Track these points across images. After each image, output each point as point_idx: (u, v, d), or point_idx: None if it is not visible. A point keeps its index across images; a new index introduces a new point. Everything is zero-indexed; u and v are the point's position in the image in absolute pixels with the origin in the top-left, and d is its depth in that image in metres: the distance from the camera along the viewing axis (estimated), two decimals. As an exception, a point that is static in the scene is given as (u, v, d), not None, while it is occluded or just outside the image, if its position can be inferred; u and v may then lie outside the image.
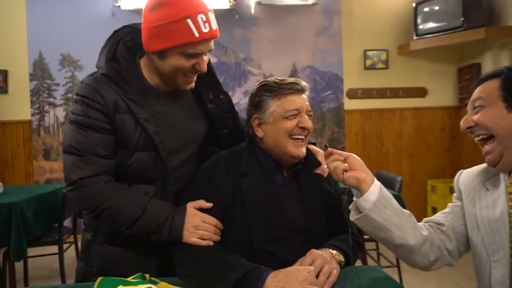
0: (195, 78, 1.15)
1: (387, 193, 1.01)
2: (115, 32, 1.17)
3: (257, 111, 1.15)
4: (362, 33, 4.30)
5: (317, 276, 0.96)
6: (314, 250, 1.02)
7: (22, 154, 3.99)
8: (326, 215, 1.15)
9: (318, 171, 1.18)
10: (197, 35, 1.03)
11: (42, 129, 3.99)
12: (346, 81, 4.29)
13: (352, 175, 0.98)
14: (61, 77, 3.99)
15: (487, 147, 0.95)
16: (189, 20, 1.02)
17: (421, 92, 4.36)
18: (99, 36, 1.37)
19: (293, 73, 4.21)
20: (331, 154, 1.02)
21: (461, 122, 0.99)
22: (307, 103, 1.14)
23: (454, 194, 1.10)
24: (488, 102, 0.94)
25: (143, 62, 1.16)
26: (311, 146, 1.25)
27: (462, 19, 3.75)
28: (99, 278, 0.93)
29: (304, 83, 1.15)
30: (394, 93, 4.35)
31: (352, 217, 1.01)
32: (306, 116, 1.12)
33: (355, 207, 1.02)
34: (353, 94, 4.32)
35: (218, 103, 1.24)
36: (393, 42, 4.33)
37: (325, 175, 1.19)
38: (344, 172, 0.99)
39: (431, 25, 4.01)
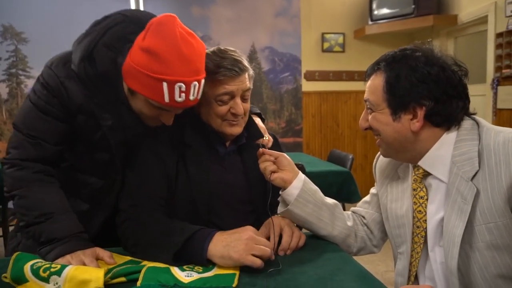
0: (161, 123, 1.07)
1: (311, 186, 1.06)
2: (105, 18, 1.03)
3: None
4: (320, 15, 4.37)
5: (280, 241, 1.01)
6: (275, 217, 1.06)
7: (-37, 133, 3.72)
8: (268, 187, 1.17)
9: (260, 141, 1.19)
10: (167, 100, 0.95)
11: (-14, 106, 3.73)
12: (304, 63, 4.36)
13: (279, 176, 1.04)
14: (3, 50, 3.72)
15: (377, 141, 1.00)
16: (164, 84, 0.93)
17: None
18: (48, 6, 1.25)
19: (252, 53, 4.21)
20: (263, 154, 1.07)
21: (360, 122, 1.00)
22: (246, 82, 1.08)
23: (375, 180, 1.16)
24: (375, 106, 0.94)
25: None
26: (254, 117, 1.26)
27: (413, 6, 3.93)
28: (16, 253, 0.92)
29: (245, 64, 1.08)
30: (350, 76, 4.49)
31: (279, 210, 1.07)
32: (239, 101, 1.07)
33: (282, 200, 1.07)
34: (311, 76, 4.41)
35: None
36: (350, 26, 4.45)
37: (268, 145, 1.22)
38: (272, 173, 1.04)
39: (385, 11, 4.16)
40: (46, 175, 1.06)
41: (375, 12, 4.21)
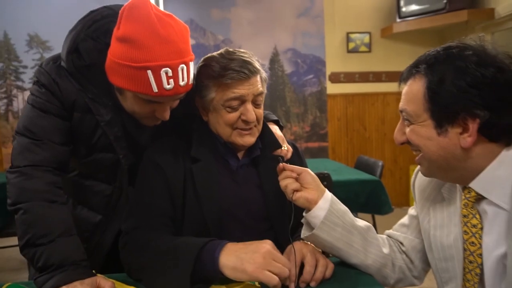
0: (160, 120, 1.01)
1: (340, 207, 0.93)
2: (91, 13, 1.00)
3: (199, 95, 1.01)
4: (345, 14, 4.19)
5: (301, 271, 0.88)
6: (297, 243, 0.93)
7: (-10, 141, 3.79)
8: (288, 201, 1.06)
9: (278, 153, 1.07)
10: (155, 90, 0.88)
11: (10, 114, 3.78)
12: (329, 65, 4.19)
13: (303, 195, 0.91)
14: (29, 59, 3.77)
15: (417, 158, 0.84)
16: (149, 72, 0.87)
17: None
18: (70, 15, 1.22)
19: (274, 56, 4.08)
20: (283, 169, 0.94)
21: (395, 135, 0.86)
22: (258, 86, 0.97)
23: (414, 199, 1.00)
24: (414, 117, 0.79)
25: None
26: (271, 125, 1.13)
27: (444, 1, 3.69)
28: (6, 284, 0.84)
29: (256, 66, 0.97)
30: (377, 77, 4.28)
31: (303, 235, 0.93)
32: (251, 107, 0.97)
33: (306, 222, 0.94)
34: (336, 78, 4.23)
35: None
36: (376, 25, 4.24)
37: (287, 156, 1.09)
38: (295, 192, 0.91)
39: (414, 7, 3.94)
40: (56, 188, 0.98)
41: (403, 9, 3.99)
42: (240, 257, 0.81)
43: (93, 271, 0.92)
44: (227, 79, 0.95)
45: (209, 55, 1.03)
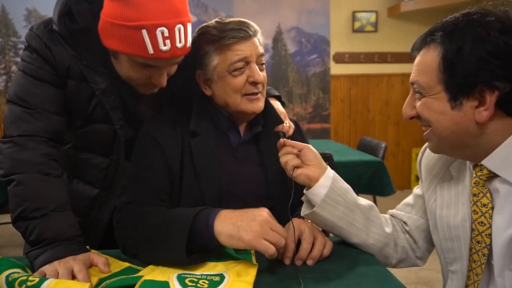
0: (157, 88, 0.97)
1: (342, 185, 0.89)
2: None
3: (200, 67, 0.97)
4: (351, -8, 4.08)
5: (298, 248, 0.85)
6: (296, 219, 0.90)
7: (-10, 118, 3.77)
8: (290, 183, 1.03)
9: (279, 129, 1.03)
10: (151, 51, 0.84)
11: (9, 91, 3.75)
12: (333, 44, 4.10)
13: (303, 172, 0.88)
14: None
15: (425, 133, 0.80)
16: (144, 32, 0.82)
17: (410, 58, 4.20)
18: None
19: (278, 35, 3.99)
20: (284, 145, 0.91)
21: (404, 109, 0.81)
22: (258, 47, 0.95)
23: (420, 179, 0.95)
24: (427, 90, 0.74)
25: None
26: (273, 101, 1.09)
27: (455, -22, 3.58)
28: None
29: (254, 27, 0.95)
30: (382, 58, 4.18)
31: (303, 212, 0.90)
32: (256, 67, 0.94)
33: (306, 200, 0.90)
34: (340, 58, 4.14)
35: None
36: (383, 3, 4.12)
37: (289, 133, 1.05)
38: (295, 169, 0.88)
39: (423, -15, 3.82)
40: (51, 160, 0.94)
41: (412, -13, 3.87)
42: (237, 224, 0.79)
43: (87, 247, 0.90)
44: (229, 39, 0.91)
45: (202, 25, 1.00)
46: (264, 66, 0.98)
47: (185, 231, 0.79)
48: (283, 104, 1.16)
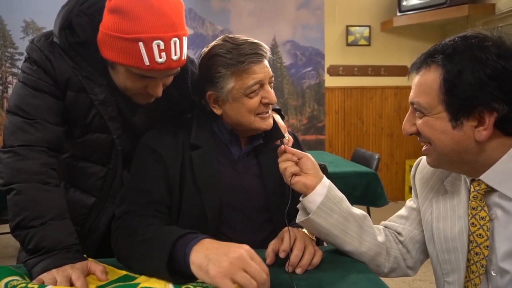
0: (153, 98, 0.99)
1: (337, 194, 0.91)
2: None
3: (212, 88, 0.98)
4: (345, 7, 4.16)
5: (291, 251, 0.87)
6: (290, 228, 0.92)
7: (-15, 128, 3.76)
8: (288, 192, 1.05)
9: (279, 143, 1.05)
10: (147, 63, 0.87)
11: (6, 101, 3.75)
12: (328, 58, 4.17)
13: (301, 180, 0.89)
14: (25, 45, 3.62)
15: (424, 148, 0.83)
16: (141, 44, 0.85)
17: (403, 71, 4.28)
18: None
19: (273, 47, 4.06)
20: (284, 152, 0.93)
21: (404, 125, 0.83)
22: (269, 69, 0.99)
23: (412, 192, 0.98)
24: (428, 109, 0.76)
25: None
26: (273, 114, 1.12)
27: (446, -5, 3.68)
28: None
29: (266, 48, 0.98)
30: (376, 71, 4.26)
31: (298, 219, 0.92)
32: (269, 87, 0.99)
33: (302, 207, 0.92)
34: (334, 71, 4.21)
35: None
36: (376, 18, 4.22)
37: (289, 146, 1.07)
38: (293, 176, 0.90)
39: (414, 1, 3.91)
40: (50, 169, 0.96)
41: (404, 3, 3.96)
42: (209, 257, 0.74)
43: (85, 255, 0.91)
44: (247, 65, 0.93)
45: (210, 46, 1.01)
46: (272, 85, 1.02)
47: (166, 253, 0.77)
48: (282, 117, 1.19)
